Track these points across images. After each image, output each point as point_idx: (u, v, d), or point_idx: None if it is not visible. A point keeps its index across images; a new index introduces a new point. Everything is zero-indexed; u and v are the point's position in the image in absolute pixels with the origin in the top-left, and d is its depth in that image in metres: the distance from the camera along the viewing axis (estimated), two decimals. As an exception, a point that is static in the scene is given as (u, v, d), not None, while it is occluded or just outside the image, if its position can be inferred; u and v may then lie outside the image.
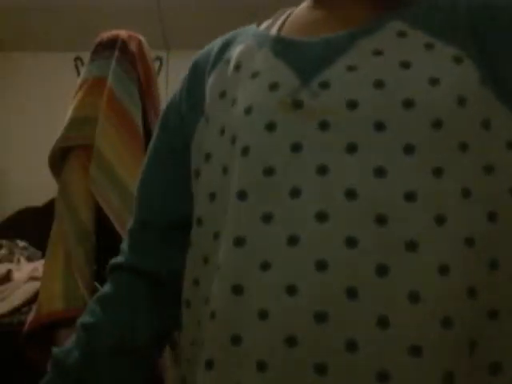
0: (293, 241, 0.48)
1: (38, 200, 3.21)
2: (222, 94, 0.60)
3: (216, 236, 0.55)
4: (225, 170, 0.56)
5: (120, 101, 1.63)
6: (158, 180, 0.69)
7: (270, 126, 0.53)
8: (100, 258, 1.60)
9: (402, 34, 0.55)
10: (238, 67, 0.60)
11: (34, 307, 1.57)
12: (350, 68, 0.53)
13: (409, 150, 0.49)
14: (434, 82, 0.51)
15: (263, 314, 0.47)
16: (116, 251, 1.45)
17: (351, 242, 0.46)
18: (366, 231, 0.47)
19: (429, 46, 0.53)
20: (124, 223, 1.32)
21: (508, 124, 0.51)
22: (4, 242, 2.67)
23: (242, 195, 0.52)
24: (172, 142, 0.69)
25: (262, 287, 0.48)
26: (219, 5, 3.20)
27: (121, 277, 0.68)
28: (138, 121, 1.65)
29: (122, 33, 1.74)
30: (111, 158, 1.57)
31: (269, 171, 0.51)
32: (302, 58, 0.56)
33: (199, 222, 0.59)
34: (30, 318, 1.55)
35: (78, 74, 2.02)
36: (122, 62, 1.68)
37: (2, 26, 3.65)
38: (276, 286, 0.47)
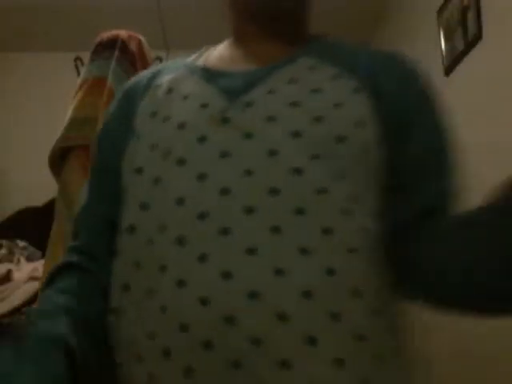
0: (224, 232, 0.56)
1: (38, 200, 3.21)
2: (153, 114, 0.68)
3: (150, 241, 0.61)
4: (156, 181, 0.63)
5: (120, 101, 1.64)
6: (97, 201, 0.74)
7: (202, 139, 0.62)
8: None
9: (313, 67, 0.68)
10: (169, 90, 0.69)
11: (34, 307, 1.57)
12: (270, 91, 0.64)
13: (316, 157, 0.60)
14: (337, 105, 0.63)
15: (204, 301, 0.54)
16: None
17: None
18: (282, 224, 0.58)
19: (334, 77, 0.66)
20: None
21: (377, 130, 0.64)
22: (4, 242, 2.67)
23: (180, 201, 0.59)
24: (107, 163, 0.73)
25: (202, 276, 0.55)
26: (219, 5, 3.19)
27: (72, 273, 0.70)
28: (138, 121, 1.65)
29: (122, 33, 1.74)
30: (111, 157, 1.57)
31: (202, 177, 0.60)
32: (229, 84, 0.66)
33: (131, 229, 0.64)
34: (30, 318, 1.55)
35: (78, 74, 2.02)
36: (122, 61, 1.68)
37: (2, 25, 3.66)
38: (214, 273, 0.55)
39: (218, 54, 0.75)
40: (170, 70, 0.74)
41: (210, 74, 0.69)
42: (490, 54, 1.98)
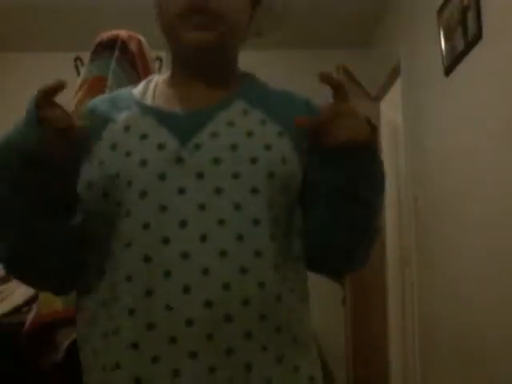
0: (184, 255, 0.74)
1: (38, 200, 3.21)
2: (113, 146, 0.80)
3: (113, 253, 0.78)
4: (119, 205, 0.77)
5: (120, 101, 1.63)
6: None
7: (162, 176, 0.76)
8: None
9: (245, 112, 0.83)
10: (127, 128, 0.81)
11: (34, 307, 1.57)
12: (213, 134, 0.80)
13: (254, 191, 0.77)
14: (267, 147, 0.80)
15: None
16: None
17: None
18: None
19: (263, 122, 0.83)
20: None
21: (299, 172, 0.83)
22: (4, 242, 2.67)
23: (145, 226, 0.75)
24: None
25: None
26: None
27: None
28: (138, 121, 1.65)
29: (122, 33, 1.74)
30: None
31: (163, 208, 0.75)
32: (178, 125, 0.80)
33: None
34: (30, 317, 1.55)
35: (78, 74, 2.02)
36: (122, 61, 1.68)
37: (2, 25, 3.66)
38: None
39: (162, 92, 0.88)
40: (123, 105, 0.86)
41: (161, 116, 0.82)
42: (490, 53, 1.99)
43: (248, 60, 1.27)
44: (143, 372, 0.71)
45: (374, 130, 0.80)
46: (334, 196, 0.81)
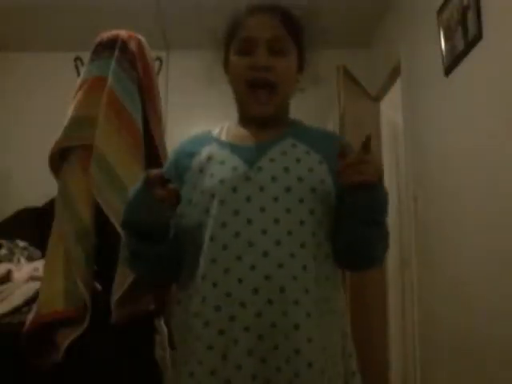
0: (250, 244, 1.04)
1: (38, 200, 3.21)
2: (201, 171, 1.12)
3: (200, 247, 1.09)
4: (206, 211, 1.08)
5: (120, 101, 1.63)
6: None
7: (234, 189, 1.07)
8: (100, 257, 1.60)
9: (294, 145, 1.14)
10: (209, 158, 1.14)
11: (34, 307, 1.57)
12: (271, 160, 1.11)
13: (301, 201, 1.07)
14: (310, 170, 1.10)
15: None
16: (116, 251, 1.45)
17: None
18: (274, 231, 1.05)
19: (307, 152, 1.13)
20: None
21: (333, 191, 1.11)
22: (4, 242, 2.67)
23: (223, 225, 1.05)
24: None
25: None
26: (219, 5, 3.19)
27: None
28: (139, 121, 1.65)
29: (122, 33, 1.74)
30: (111, 157, 1.57)
31: (236, 212, 1.05)
32: (246, 154, 1.12)
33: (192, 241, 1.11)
34: (30, 317, 1.55)
35: (78, 74, 2.02)
36: (122, 61, 1.68)
37: (2, 25, 3.66)
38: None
39: (233, 132, 1.20)
40: (206, 142, 1.18)
41: (233, 148, 1.14)
42: (490, 53, 1.99)
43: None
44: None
45: (380, 171, 1.04)
46: (352, 219, 1.06)
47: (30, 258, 2.54)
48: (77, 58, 2.22)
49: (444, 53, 2.41)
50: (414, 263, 2.92)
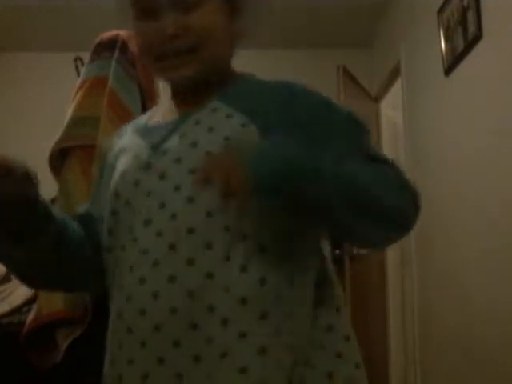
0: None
1: (38, 200, 3.20)
2: (113, 167, 0.93)
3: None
4: (114, 213, 0.89)
5: (121, 100, 1.63)
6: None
7: (136, 183, 0.86)
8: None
9: (214, 110, 0.87)
10: (121, 150, 0.94)
11: (34, 307, 1.57)
12: (182, 136, 0.86)
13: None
14: (226, 139, 0.82)
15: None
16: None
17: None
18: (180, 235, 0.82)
19: (228, 116, 0.85)
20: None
21: None
22: (4, 242, 2.67)
23: (130, 228, 0.86)
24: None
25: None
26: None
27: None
28: (138, 121, 1.65)
29: (122, 33, 1.74)
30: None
31: (139, 211, 0.84)
32: (155, 137, 0.89)
33: (109, 231, 0.91)
34: (30, 317, 1.55)
35: (78, 74, 2.01)
36: (122, 61, 1.68)
37: (2, 25, 3.66)
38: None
39: (163, 108, 0.97)
40: (123, 133, 0.99)
41: (146, 130, 0.93)
42: (490, 54, 1.99)
43: (248, 60, 1.27)
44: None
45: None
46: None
47: (30, 258, 2.54)
48: (77, 58, 2.22)
49: (444, 53, 2.41)
50: (414, 263, 2.92)
